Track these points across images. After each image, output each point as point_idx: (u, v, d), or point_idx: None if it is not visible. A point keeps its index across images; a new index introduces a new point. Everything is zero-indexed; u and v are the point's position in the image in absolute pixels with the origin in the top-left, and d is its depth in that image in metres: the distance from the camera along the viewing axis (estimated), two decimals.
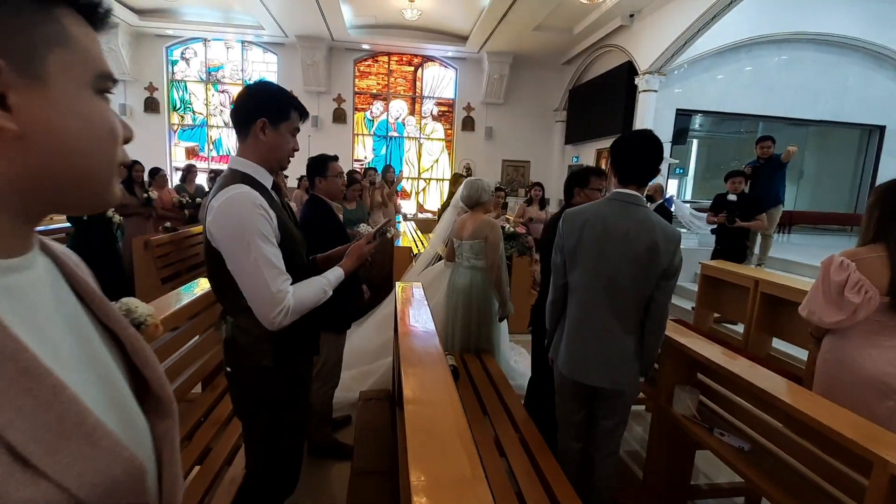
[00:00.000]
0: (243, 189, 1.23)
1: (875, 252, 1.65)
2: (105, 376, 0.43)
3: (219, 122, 10.01)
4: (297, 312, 1.27)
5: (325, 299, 1.38)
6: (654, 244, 1.57)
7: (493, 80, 9.84)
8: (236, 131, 1.33)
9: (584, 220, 1.68)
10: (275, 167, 1.37)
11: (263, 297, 1.22)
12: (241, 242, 1.20)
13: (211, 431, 2.07)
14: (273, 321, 1.23)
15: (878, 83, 8.31)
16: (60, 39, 0.39)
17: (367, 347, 3.29)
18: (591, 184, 2.34)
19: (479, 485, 0.98)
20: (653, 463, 2.16)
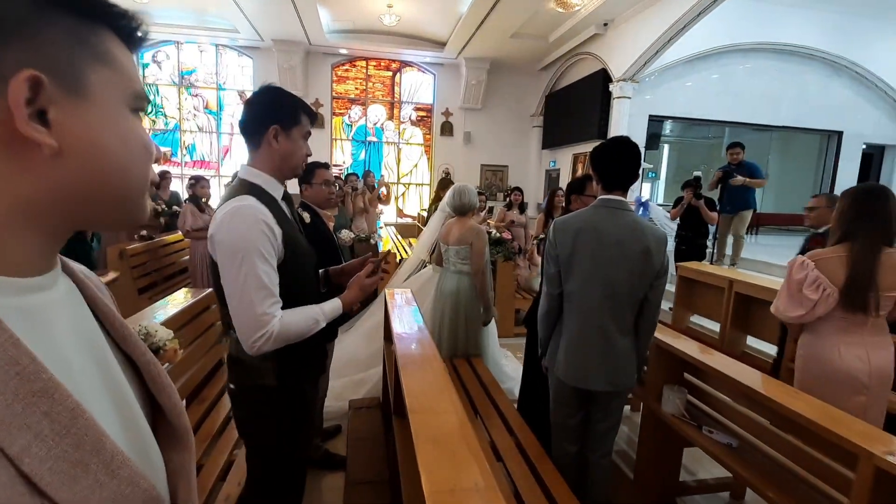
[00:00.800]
0: (249, 201, 1.20)
1: (838, 252, 1.75)
2: (121, 403, 0.42)
3: (192, 127, 9.75)
4: (281, 340, 1.19)
5: (315, 330, 1.28)
6: (647, 248, 1.63)
7: (471, 85, 9.93)
8: (247, 141, 1.29)
9: (576, 230, 1.72)
10: (289, 175, 1.34)
11: (247, 318, 1.16)
12: (236, 257, 1.16)
13: (201, 447, 2.02)
14: (253, 345, 1.17)
15: (836, 91, 8.79)
16: (103, 57, 0.39)
17: (357, 356, 3.27)
18: (587, 190, 2.41)
19: (493, 494, 0.99)
20: (643, 462, 2.22)
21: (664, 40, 6.51)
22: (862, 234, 1.72)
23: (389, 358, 2.44)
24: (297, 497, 1.52)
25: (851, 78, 8.77)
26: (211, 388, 2.49)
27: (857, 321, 1.76)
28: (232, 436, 2.17)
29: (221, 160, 9.94)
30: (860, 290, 1.70)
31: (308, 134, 1.34)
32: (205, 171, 9.68)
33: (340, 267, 1.64)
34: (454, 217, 2.96)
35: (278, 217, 1.25)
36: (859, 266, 1.70)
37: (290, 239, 1.27)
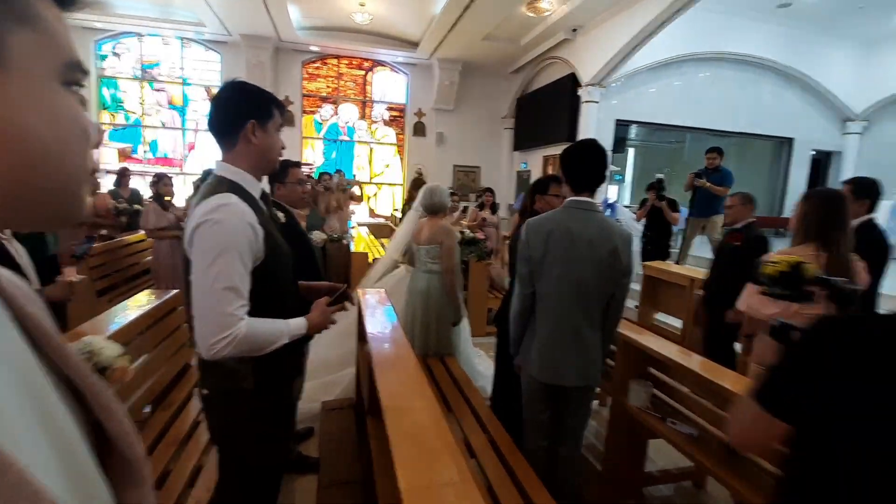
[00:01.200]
0: (233, 200, 1.16)
1: (805, 252, 1.83)
2: (60, 441, 0.34)
3: (155, 122, 9.38)
4: (243, 346, 1.14)
5: (276, 346, 1.22)
6: (615, 247, 1.70)
7: (443, 86, 9.96)
8: (220, 138, 1.25)
9: (548, 231, 1.76)
10: (267, 170, 1.32)
11: (210, 317, 1.11)
12: (211, 253, 1.12)
13: (168, 452, 1.96)
14: (212, 347, 1.11)
15: (788, 100, 9.31)
16: (26, 18, 0.32)
17: (329, 357, 3.23)
18: (551, 190, 2.47)
19: (468, 488, 1.01)
20: (611, 453, 2.30)
21: (630, 47, 6.73)
22: (837, 237, 1.82)
23: (363, 358, 2.43)
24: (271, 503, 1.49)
25: (802, 88, 9.31)
26: (178, 393, 2.42)
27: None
28: (201, 440, 2.12)
29: (186, 157, 9.60)
30: None
31: (281, 126, 1.32)
32: (168, 168, 9.33)
33: (309, 284, 1.58)
34: (426, 217, 2.98)
35: (260, 217, 1.22)
36: (839, 268, 1.78)
37: (271, 239, 1.25)
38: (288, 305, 1.35)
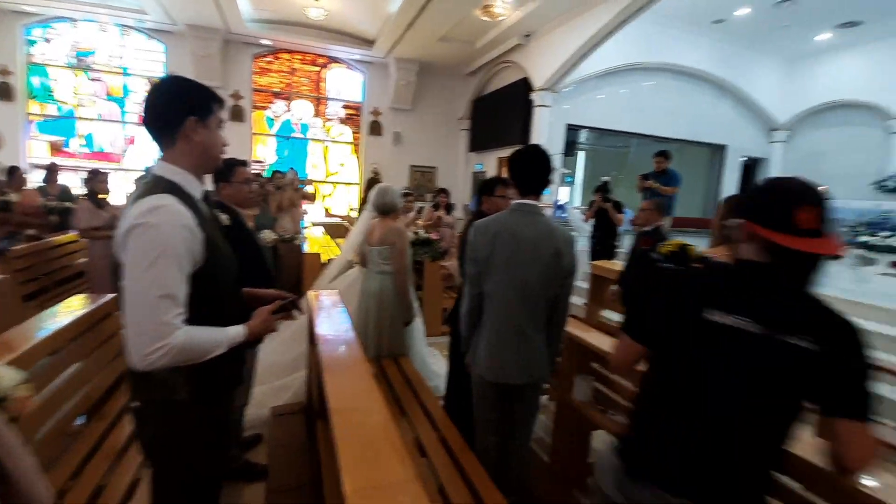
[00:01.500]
0: (168, 201, 1.11)
1: (722, 251, 1.96)
2: None
3: (90, 114, 8.74)
4: (180, 356, 1.08)
5: (214, 354, 1.16)
6: (558, 249, 1.77)
7: (400, 86, 9.93)
8: (158, 136, 1.19)
9: (494, 232, 1.82)
10: (209, 168, 1.27)
11: (145, 326, 1.05)
12: (146, 257, 1.06)
13: (103, 466, 1.86)
14: (146, 357, 1.05)
15: (722, 110, 9.99)
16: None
17: (279, 361, 3.16)
18: (497, 191, 2.55)
19: (414, 487, 1.02)
20: (557, 446, 2.40)
21: (579, 54, 7.00)
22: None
23: (313, 361, 2.40)
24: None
25: (734, 99, 10.02)
26: (113, 403, 2.29)
27: None
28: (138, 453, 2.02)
29: (126, 152, 9.02)
30: None
31: (222, 123, 1.28)
32: (106, 164, 8.74)
33: (254, 292, 1.52)
34: (378, 218, 2.98)
35: (200, 219, 1.17)
36: None
37: (211, 243, 1.19)
38: (229, 312, 1.30)
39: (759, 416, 1.02)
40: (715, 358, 1.04)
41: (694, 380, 1.07)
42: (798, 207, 0.97)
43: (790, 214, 0.97)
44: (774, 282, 1.02)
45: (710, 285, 1.10)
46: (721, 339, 1.02)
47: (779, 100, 10.14)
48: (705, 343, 1.04)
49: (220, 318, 1.24)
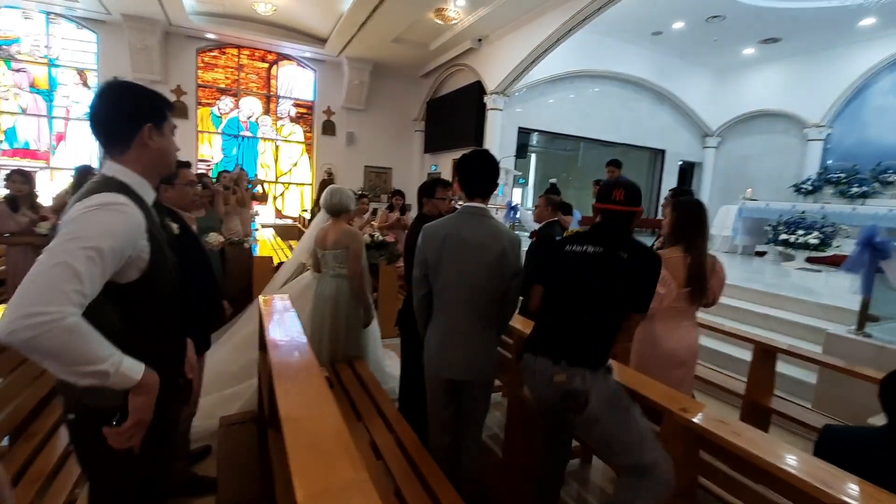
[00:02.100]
0: (122, 200, 1.05)
1: (675, 253, 2.13)
2: None
3: (12, 108, 8.00)
4: (57, 339, 0.88)
5: (88, 368, 0.94)
6: (503, 250, 1.84)
7: (353, 85, 9.81)
8: (111, 143, 1.14)
9: (443, 236, 1.87)
10: (163, 174, 1.25)
11: (41, 286, 0.89)
12: (71, 240, 0.95)
13: (31, 491, 1.72)
14: (23, 320, 0.85)
15: (661, 117, 10.63)
16: None
17: (228, 369, 3.05)
18: (437, 194, 2.61)
19: (366, 486, 1.03)
20: (510, 441, 2.47)
21: (530, 60, 7.22)
22: (699, 241, 2.12)
23: (264, 367, 2.34)
24: None
25: (672, 106, 10.69)
26: (42, 422, 2.13)
27: (684, 310, 2.14)
28: (72, 473, 1.89)
29: (54, 150, 8.33)
30: (701, 284, 2.10)
31: (174, 128, 1.26)
32: (32, 162, 8.05)
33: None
34: (330, 220, 2.94)
35: (151, 226, 1.13)
36: (700, 267, 2.09)
37: (158, 252, 1.15)
38: (167, 325, 1.25)
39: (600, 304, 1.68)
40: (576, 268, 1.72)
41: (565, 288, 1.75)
42: (615, 190, 1.72)
43: (611, 194, 1.71)
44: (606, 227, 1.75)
45: (574, 237, 1.79)
46: (578, 257, 1.72)
47: (711, 108, 10.92)
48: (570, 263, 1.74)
49: (159, 332, 1.20)
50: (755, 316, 4.23)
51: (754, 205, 7.29)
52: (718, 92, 10.92)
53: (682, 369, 2.16)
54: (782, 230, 6.38)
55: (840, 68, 8.91)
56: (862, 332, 3.13)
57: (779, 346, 2.73)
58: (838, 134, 9.23)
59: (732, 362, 3.68)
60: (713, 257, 2.20)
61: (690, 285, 2.10)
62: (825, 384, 3.07)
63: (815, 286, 5.08)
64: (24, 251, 3.57)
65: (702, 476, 1.62)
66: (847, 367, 2.45)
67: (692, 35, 8.89)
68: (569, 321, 1.70)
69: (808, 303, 4.18)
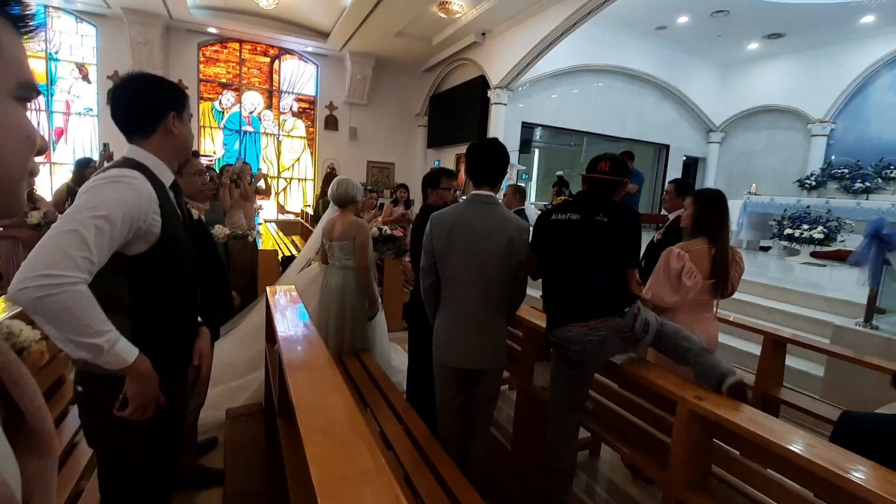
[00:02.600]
0: (135, 174, 1.10)
1: (699, 245, 2.09)
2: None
3: None
4: (63, 304, 0.90)
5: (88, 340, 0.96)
6: (511, 238, 1.83)
7: (356, 80, 9.77)
8: (135, 130, 1.20)
9: (451, 224, 1.85)
10: (181, 160, 1.31)
11: (51, 251, 0.91)
12: (84, 210, 0.98)
13: None
14: (27, 285, 0.88)
15: (665, 111, 10.58)
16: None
17: (235, 362, 3.04)
18: (442, 184, 2.59)
19: (384, 475, 1.02)
20: (519, 432, 2.46)
21: (534, 54, 7.18)
22: (722, 233, 2.10)
23: (272, 359, 2.33)
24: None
25: (676, 101, 10.64)
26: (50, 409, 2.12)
27: (705, 302, 2.12)
28: (80, 463, 1.89)
29: (54, 145, 8.31)
30: (724, 276, 2.07)
31: (191, 116, 1.35)
32: None
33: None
34: (337, 212, 2.93)
35: (164, 204, 1.16)
36: (724, 259, 2.07)
37: (169, 229, 1.17)
38: (178, 306, 1.27)
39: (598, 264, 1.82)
40: (562, 234, 1.87)
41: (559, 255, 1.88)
42: (601, 161, 1.90)
43: (597, 165, 1.89)
44: (586, 195, 1.92)
45: (557, 207, 1.95)
46: (562, 224, 1.87)
47: (715, 103, 10.87)
48: (557, 231, 1.88)
49: (174, 316, 1.23)
50: (760, 309, 4.21)
51: (759, 200, 7.27)
52: (722, 87, 10.87)
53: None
54: (787, 225, 6.35)
55: (843, 64, 8.86)
56: (869, 324, 3.12)
57: (789, 337, 2.72)
58: (841, 130, 9.20)
59: (738, 355, 3.66)
60: (732, 248, 2.18)
61: (714, 277, 2.07)
62: (832, 376, 3.06)
63: (820, 280, 5.07)
64: (14, 244, 3.57)
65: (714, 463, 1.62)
66: (857, 356, 2.44)
67: (696, 29, 8.85)
68: (575, 282, 1.84)
69: (814, 296, 4.17)
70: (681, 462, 1.56)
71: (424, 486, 1.72)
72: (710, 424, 1.54)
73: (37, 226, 3.54)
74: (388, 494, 0.94)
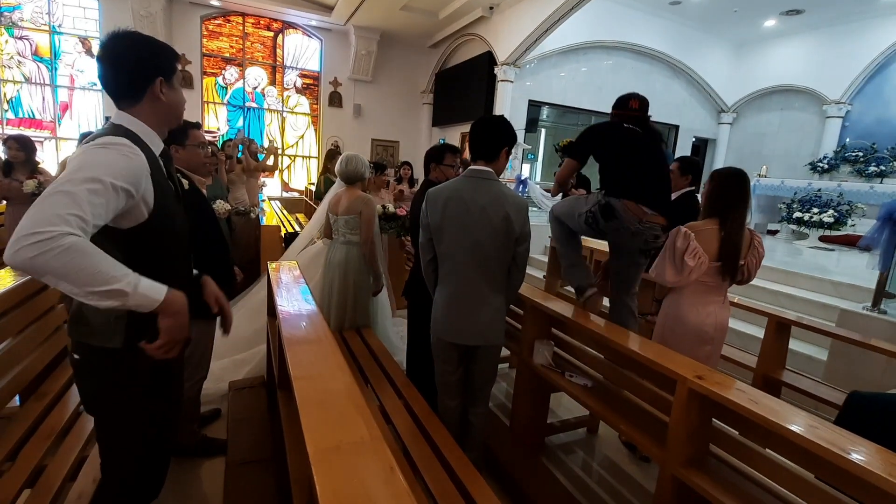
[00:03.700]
0: (123, 141, 1.07)
1: (709, 225, 2.02)
2: None
3: (16, 76, 7.90)
4: (61, 258, 0.87)
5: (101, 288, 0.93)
6: (507, 214, 1.79)
7: (360, 55, 9.59)
8: (122, 95, 1.15)
9: (445, 199, 1.82)
10: (172, 126, 1.27)
11: (36, 214, 0.88)
12: (76, 173, 0.96)
13: (42, 447, 1.75)
14: (18, 246, 0.86)
15: (675, 91, 10.32)
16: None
17: (238, 335, 3.06)
18: (446, 160, 2.54)
19: (379, 445, 1.02)
20: (518, 409, 2.48)
21: (542, 29, 6.98)
22: (735, 214, 2.00)
23: (273, 332, 2.34)
24: (158, 480, 1.40)
25: (687, 81, 10.37)
26: (53, 382, 2.15)
27: (715, 285, 2.06)
28: (83, 432, 1.92)
29: (59, 119, 8.26)
30: (733, 260, 2.00)
31: (182, 80, 1.26)
32: (37, 132, 8.00)
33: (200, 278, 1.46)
34: (343, 187, 2.90)
35: (155, 173, 1.14)
36: (734, 243, 1.99)
37: (161, 198, 1.15)
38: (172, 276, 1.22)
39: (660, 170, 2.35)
40: (634, 140, 2.32)
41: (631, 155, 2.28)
42: (631, 100, 2.37)
43: (627, 103, 2.37)
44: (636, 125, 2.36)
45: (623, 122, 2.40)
46: (633, 133, 2.34)
47: (727, 83, 10.59)
48: (626, 138, 2.33)
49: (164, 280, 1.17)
50: (765, 292, 4.17)
51: (769, 182, 7.14)
52: (736, 66, 10.57)
53: (709, 346, 2.08)
54: (797, 208, 6.25)
55: (863, 43, 8.56)
56: (878, 308, 3.08)
57: (794, 319, 2.69)
58: (858, 111, 8.95)
59: (739, 337, 3.65)
60: (753, 232, 2.10)
61: (721, 260, 2.00)
62: (836, 360, 3.04)
63: (827, 264, 5.00)
64: (17, 213, 3.60)
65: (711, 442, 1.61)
66: (864, 340, 2.41)
67: (712, 5, 8.55)
68: (644, 177, 2.23)
69: (821, 280, 4.12)
70: (679, 440, 1.55)
71: (422, 459, 1.73)
72: (710, 404, 1.52)
73: (32, 195, 3.56)
74: (383, 464, 0.94)
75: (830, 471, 1.23)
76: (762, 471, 1.46)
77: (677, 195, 2.94)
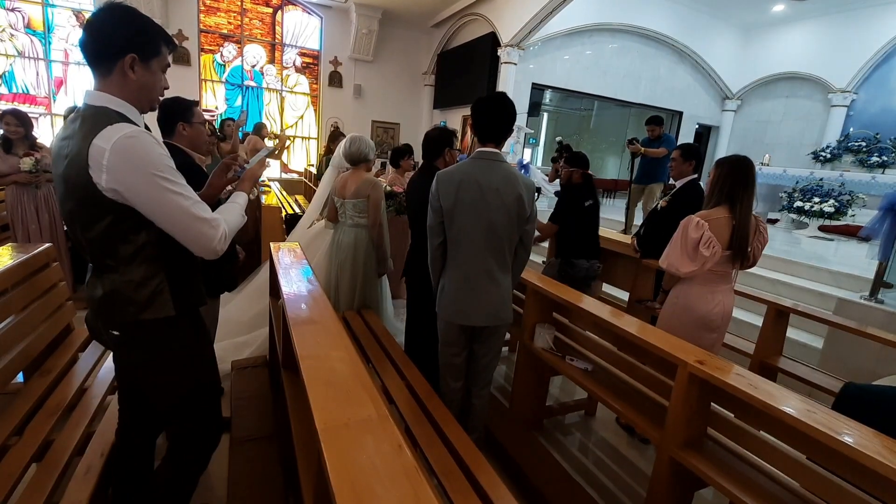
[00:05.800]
0: (134, 129, 1.10)
1: (720, 213, 2.00)
2: None
3: (9, 49, 7.74)
4: (230, 237, 1.27)
5: (240, 215, 1.39)
6: (520, 195, 1.80)
7: (361, 34, 9.40)
8: (93, 63, 1.15)
9: (458, 181, 1.81)
10: (146, 108, 1.22)
11: (200, 229, 1.18)
12: (152, 181, 1.11)
13: (49, 423, 1.77)
14: (216, 248, 1.21)
15: (680, 76, 10.19)
16: None
17: (240, 318, 3.08)
18: (455, 145, 2.54)
19: (386, 424, 1.04)
20: (518, 391, 2.51)
21: (548, 10, 6.85)
22: (745, 202, 1.98)
23: (277, 313, 2.35)
24: (220, 422, 1.53)
25: (692, 66, 10.23)
26: (57, 358, 2.17)
27: (724, 273, 2.06)
28: (89, 407, 1.94)
29: (54, 95, 8.12)
30: (743, 247, 1.99)
31: (167, 66, 1.25)
32: (31, 107, 7.87)
33: (206, 186, 1.62)
34: (348, 170, 2.88)
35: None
36: (745, 230, 1.98)
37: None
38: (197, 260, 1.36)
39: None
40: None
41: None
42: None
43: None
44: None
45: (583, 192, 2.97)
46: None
47: (733, 69, 10.45)
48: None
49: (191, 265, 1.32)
50: (764, 280, 4.20)
51: (771, 171, 7.11)
52: (743, 52, 10.41)
53: (714, 334, 2.10)
54: (798, 197, 6.24)
55: (871, 30, 8.42)
56: (875, 297, 3.11)
57: (793, 307, 2.71)
58: (863, 101, 8.87)
59: (736, 324, 3.68)
60: (757, 217, 2.10)
61: (732, 248, 2.00)
62: (832, 347, 3.08)
63: (826, 254, 5.02)
64: (19, 191, 3.57)
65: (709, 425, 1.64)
66: (859, 327, 2.44)
67: None
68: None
69: (819, 269, 4.14)
70: (678, 423, 1.58)
71: (424, 438, 1.76)
72: (710, 388, 1.55)
73: (30, 172, 3.53)
74: (391, 441, 0.96)
75: (825, 453, 1.26)
76: (756, 452, 1.50)
77: (682, 183, 2.93)
